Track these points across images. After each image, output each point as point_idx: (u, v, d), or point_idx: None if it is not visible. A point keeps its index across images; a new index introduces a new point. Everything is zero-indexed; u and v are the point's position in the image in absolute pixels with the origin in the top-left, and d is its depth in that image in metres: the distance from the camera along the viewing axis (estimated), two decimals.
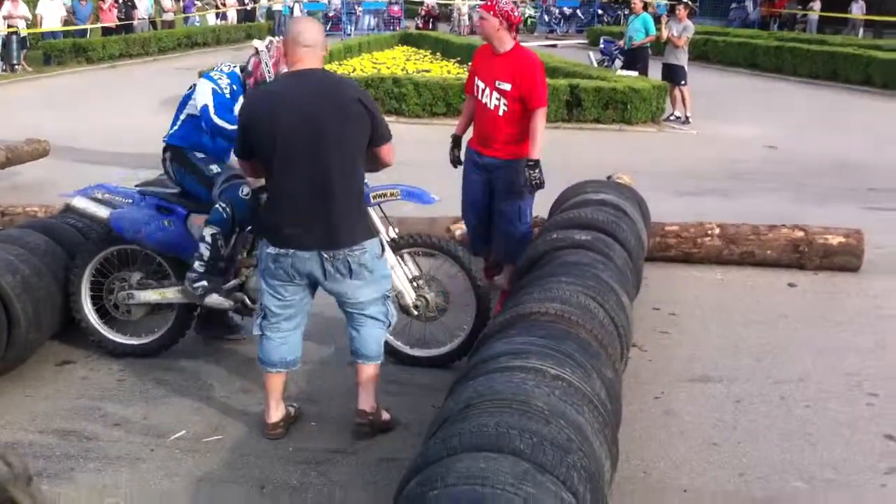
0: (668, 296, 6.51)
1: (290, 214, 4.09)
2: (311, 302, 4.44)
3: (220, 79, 5.10)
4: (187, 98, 5.22)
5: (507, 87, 5.76)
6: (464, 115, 6.32)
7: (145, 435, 4.46)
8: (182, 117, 5.25)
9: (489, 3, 5.87)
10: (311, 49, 4.12)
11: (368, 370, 4.44)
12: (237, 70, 5.23)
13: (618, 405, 3.75)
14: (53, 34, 23.63)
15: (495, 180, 5.97)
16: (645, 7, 16.72)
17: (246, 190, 4.99)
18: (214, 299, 5.06)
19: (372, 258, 4.21)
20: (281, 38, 4.80)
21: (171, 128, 5.29)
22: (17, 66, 21.80)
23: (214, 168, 5.16)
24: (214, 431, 4.50)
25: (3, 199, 8.60)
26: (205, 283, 5.05)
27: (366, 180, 5.16)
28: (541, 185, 5.76)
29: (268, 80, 5.05)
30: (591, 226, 5.60)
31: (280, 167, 4.05)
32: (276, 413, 4.46)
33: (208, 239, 5.01)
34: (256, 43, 5.23)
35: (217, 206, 5.00)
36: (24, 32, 22.19)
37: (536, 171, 5.71)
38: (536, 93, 5.78)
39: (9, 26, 21.44)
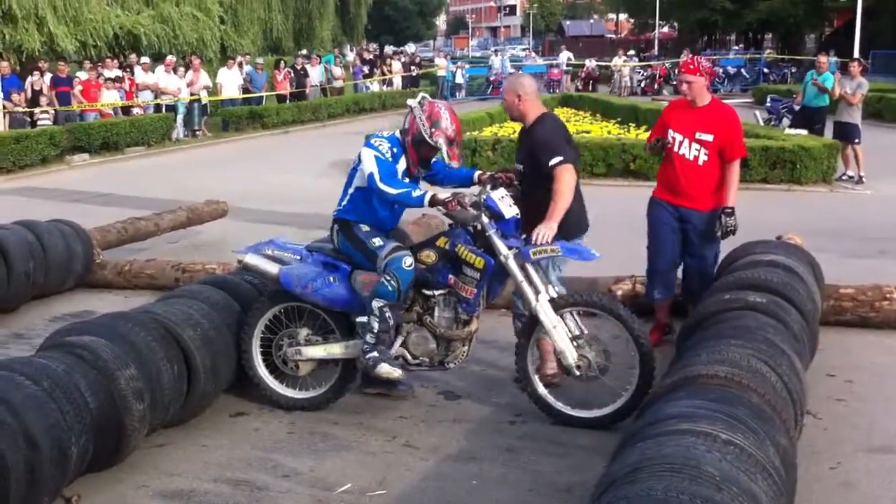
0: (843, 362, 6.21)
1: None
2: None
3: (380, 144, 5.21)
4: (354, 170, 5.34)
5: (708, 137, 6.06)
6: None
7: (312, 487, 4.58)
8: (350, 191, 5.37)
9: (693, 66, 6.16)
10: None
11: None
12: (396, 133, 5.35)
13: (792, 474, 3.59)
14: (232, 101, 24.98)
15: (692, 230, 6.21)
16: (812, 65, 16.22)
17: (409, 261, 5.08)
18: (385, 369, 5.14)
19: None
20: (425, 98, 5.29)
21: (341, 202, 5.42)
22: (198, 132, 23.15)
23: (377, 241, 5.25)
24: (379, 486, 4.57)
25: (185, 256, 9.11)
26: (375, 354, 5.15)
27: (524, 236, 5.25)
28: (734, 232, 6.14)
29: (423, 133, 5.16)
30: (765, 287, 5.44)
31: None
32: None
33: (376, 312, 5.11)
34: (410, 101, 5.35)
35: (383, 279, 5.10)
36: (205, 100, 23.57)
37: (732, 218, 6.09)
38: (739, 143, 6.17)
39: (191, 94, 22.83)
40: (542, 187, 5.43)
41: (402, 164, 5.27)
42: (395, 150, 5.25)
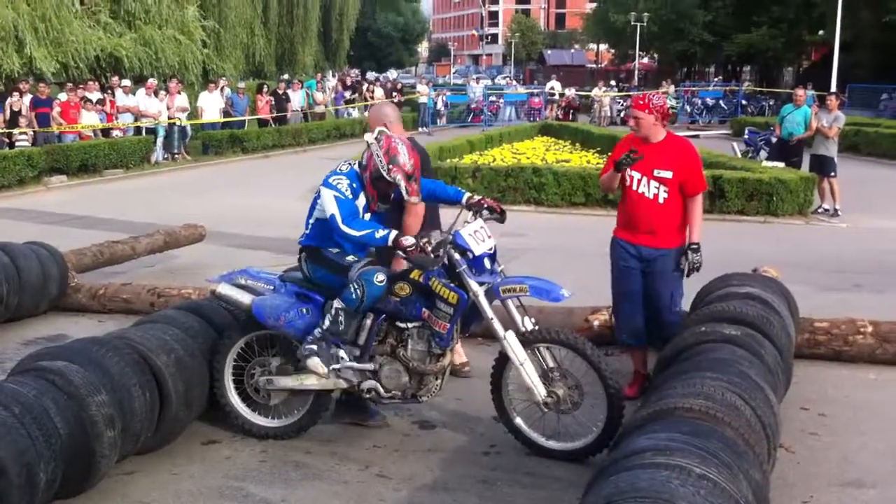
0: (817, 395, 6.23)
1: None
2: None
3: (338, 183, 5.10)
4: (315, 202, 5.27)
5: (668, 174, 5.88)
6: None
7: None
8: (312, 220, 5.31)
9: (643, 102, 5.95)
10: None
11: None
12: (355, 167, 5.24)
13: None
14: (213, 125, 24.94)
15: (652, 269, 5.99)
16: (789, 98, 16.40)
17: (381, 277, 5.04)
18: (314, 362, 5.13)
19: None
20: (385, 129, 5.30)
21: (305, 229, 5.37)
22: (177, 156, 23.07)
23: (350, 258, 5.21)
24: None
25: (161, 281, 9.05)
26: (314, 346, 5.15)
27: (501, 268, 5.22)
28: (699, 269, 5.96)
29: (381, 169, 5.07)
30: (741, 320, 5.47)
31: None
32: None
33: (332, 311, 5.13)
34: (367, 137, 5.25)
35: (351, 286, 5.07)
36: (184, 123, 23.47)
37: (698, 254, 5.92)
38: (699, 178, 5.98)
39: (169, 118, 22.76)
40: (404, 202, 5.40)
41: (361, 200, 5.19)
42: (354, 185, 5.15)
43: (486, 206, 5.35)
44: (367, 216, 5.24)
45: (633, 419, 4.30)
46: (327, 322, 5.14)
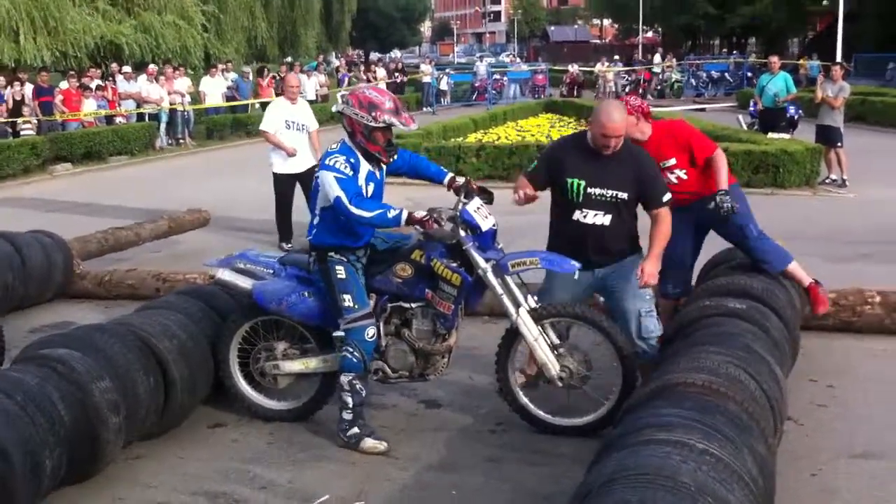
0: (825, 367, 6.20)
1: None
2: None
3: (335, 162, 4.92)
4: (317, 189, 5.07)
5: (671, 162, 5.87)
6: None
7: (290, 499, 4.54)
8: (317, 211, 5.13)
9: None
10: None
11: None
12: (345, 140, 5.07)
13: (771, 483, 3.57)
14: (216, 110, 24.87)
15: (704, 217, 6.00)
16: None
17: (371, 332, 5.03)
18: (369, 444, 5.06)
19: None
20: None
21: (311, 221, 5.20)
22: (181, 141, 23.03)
23: (347, 299, 5.03)
24: (357, 497, 4.53)
25: (165, 266, 9.06)
26: (356, 430, 5.10)
27: (500, 246, 5.19)
28: (733, 210, 5.90)
29: (367, 123, 4.90)
30: (746, 293, 5.45)
31: None
32: None
33: (347, 387, 5.06)
34: (335, 108, 5.17)
35: (345, 350, 5.04)
36: (182, 108, 23.30)
37: (727, 196, 5.89)
38: (701, 145, 5.96)
39: (171, 103, 22.67)
40: None
41: (363, 170, 5.03)
42: (352, 160, 4.98)
43: (474, 189, 5.22)
44: (371, 188, 5.07)
45: (637, 395, 4.28)
46: (349, 399, 5.07)
